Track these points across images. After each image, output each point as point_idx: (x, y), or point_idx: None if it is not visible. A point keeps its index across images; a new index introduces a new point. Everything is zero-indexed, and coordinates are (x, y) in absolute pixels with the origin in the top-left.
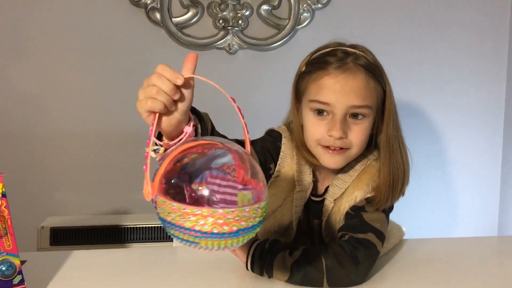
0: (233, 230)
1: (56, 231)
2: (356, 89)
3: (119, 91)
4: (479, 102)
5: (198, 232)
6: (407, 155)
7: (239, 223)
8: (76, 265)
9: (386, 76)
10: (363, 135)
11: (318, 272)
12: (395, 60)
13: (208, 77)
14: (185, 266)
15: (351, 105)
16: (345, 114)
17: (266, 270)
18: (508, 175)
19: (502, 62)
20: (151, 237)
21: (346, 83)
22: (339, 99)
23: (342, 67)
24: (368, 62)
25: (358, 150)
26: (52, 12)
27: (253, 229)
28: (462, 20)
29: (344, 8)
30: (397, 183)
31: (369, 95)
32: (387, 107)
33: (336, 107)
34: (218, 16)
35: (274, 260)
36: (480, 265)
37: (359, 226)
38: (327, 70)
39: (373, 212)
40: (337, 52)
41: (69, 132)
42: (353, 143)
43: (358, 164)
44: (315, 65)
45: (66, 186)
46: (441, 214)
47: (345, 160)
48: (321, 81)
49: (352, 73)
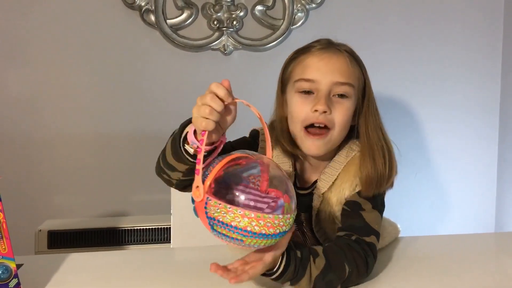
0: (276, 233)
1: (54, 234)
2: (339, 66)
3: (115, 93)
4: (474, 99)
5: (248, 232)
6: (390, 144)
7: (281, 228)
8: (73, 268)
9: (366, 70)
10: (346, 115)
11: (339, 279)
12: (389, 58)
13: (204, 78)
14: (183, 267)
15: (335, 81)
16: (329, 90)
17: (292, 282)
18: (504, 171)
19: (497, 59)
20: (148, 238)
21: (329, 61)
22: (324, 75)
23: (325, 48)
24: (349, 49)
25: (339, 132)
26: (46, 15)
27: (285, 233)
28: (457, 17)
29: (338, 8)
30: (382, 169)
31: (352, 75)
32: (367, 95)
33: (321, 83)
34: (212, 17)
35: (304, 274)
36: (476, 262)
37: (363, 228)
38: (311, 51)
39: (370, 211)
40: (321, 40)
41: (66, 135)
42: (335, 122)
43: (342, 156)
44: (300, 52)
45: (63, 189)
46: (438, 211)
47: (326, 146)
48: (306, 61)
49: (335, 53)
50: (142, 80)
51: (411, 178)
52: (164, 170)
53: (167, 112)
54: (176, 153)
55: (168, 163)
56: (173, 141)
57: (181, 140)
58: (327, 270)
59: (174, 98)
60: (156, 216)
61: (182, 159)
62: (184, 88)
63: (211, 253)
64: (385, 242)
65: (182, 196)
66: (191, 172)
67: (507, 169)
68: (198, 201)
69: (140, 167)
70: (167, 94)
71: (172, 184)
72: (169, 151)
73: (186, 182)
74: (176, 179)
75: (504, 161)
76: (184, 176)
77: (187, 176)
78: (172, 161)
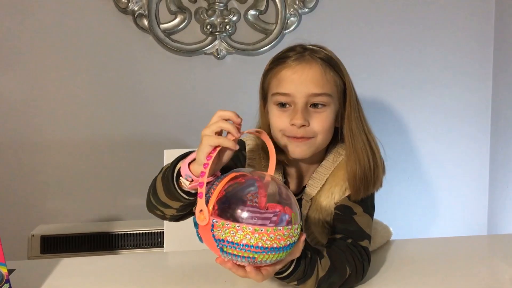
0: (286, 245)
1: (47, 239)
2: (313, 77)
3: (108, 98)
4: (466, 103)
5: (260, 248)
6: (377, 147)
7: (291, 239)
8: (65, 273)
9: (345, 69)
10: (326, 122)
11: (340, 281)
12: (381, 62)
13: (197, 82)
14: (176, 272)
15: (310, 93)
16: (305, 103)
17: (300, 282)
18: (496, 174)
19: (488, 63)
20: (142, 243)
21: (303, 73)
22: (298, 88)
23: (299, 59)
24: (325, 55)
25: (323, 138)
26: (40, 20)
27: (294, 244)
28: (448, 21)
29: (330, 13)
30: (368, 172)
31: (327, 84)
32: (348, 98)
33: (296, 96)
34: (205, 21)
35: (312, 274)
36: (468, 265)
37: (357, 232)
38: (285, 63)
39: (362, 215)
40: (296, 47)
41: (59, 140)
42: (316, 131)
43: (329, 161)
44: (276, 62)
45: (56, 194)
46: (430, 214)
47: (310, 149)
48: (281, 74)
49: (309, 63)
50: (135, 84)
51: (404, 181)
52: (157, 207)
53: (161, 116)
54: (168, 191)
55: (160, 201)
56: (165, 179)
57: (174, 177)
58: (332, 271)
59: (168, 102)
60: (149, 220)
61: (176, 196)
62: (177, 92)
63: (204, 257)
64: (377, 245)
65: None
66: (185, 207)
67: (499, 172)
68: (203, 225)
69: (133, 171)
70: (160, 99)
71: (166, 218)
72: (160, 189)
73: (179, 216)
74: (170, 215)
75: (496, 164)
76: (178, 212)
77: (181, 212)
78: (165, 199)
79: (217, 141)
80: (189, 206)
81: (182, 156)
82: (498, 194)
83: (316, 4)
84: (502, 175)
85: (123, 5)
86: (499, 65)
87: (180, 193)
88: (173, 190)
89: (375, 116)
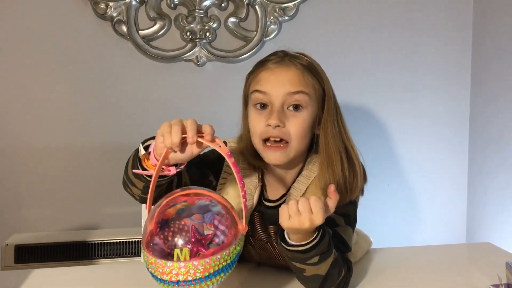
0: (207, 275)
1: (21, 248)
2: (290, 78)
3: (86, 104)
4: (444, 109)
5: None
6: (353, 153)
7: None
8: (40, 284)
9: (326, 76)
10: (301, 126)
11: (338, 278)
12: (360, 68)
13: (177, 89)
14: (154, 281)
15: (286, 92)
16: (282, 103)
17: (322, 257)
18: (474, 181)
19: (466, 68)
20: (119, 252)
21: (280, 73)
22: (275, 87)
23: (279, 62)
24: (305, 61)
25: (298, 144)
26: (16, 25)
27: (225, 270)
28: (426, 27)
29: (309, 21)
30: (342, 182)
31: (305, 84)
32: (326, 105)
33: (272, 95)
34: (185, 28)
35: (332, 252)
36: (446, 273)
37: (342, 243)
38: (265, 65)
39: (344, 227)
40: (277, 52)
41: (34, 146)
42: (291, 135)
43: (308, 170)
44: (257, 65)
45: (31, 202)
46: (410, 222)
47: (287, 156)
48: (260, 75)
49: (287, 66)
50: (113, 91)
51: (383, 188)
52: (127, 184)
53: (139, 123)
54: (133, 168)
55: (129, 178)
56: (134, 157)
57: (138, 157)
58: (335, 263)
59: (146, 109)
60: (126, 229)
61: (138, 176)
62: (156, 99)
63: None
64: (356, 258)
65: None
66: (148, 189)
67: (475, 178)
68: None
69: (110, 179)
70: (139, 105)
71: (136, 199)
72: (130, 166)
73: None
74: (137, 194)
75: (473, 171)
76: (142, 193)
77: (145, 194)
78: (132, 176)
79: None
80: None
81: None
82: (476, 201)
83: (296, 12)
84: (480, 183)
85: (102, 11)
86: (477, 71)
87: (141, 172)
88: (137, 168)
89: (352, 121)
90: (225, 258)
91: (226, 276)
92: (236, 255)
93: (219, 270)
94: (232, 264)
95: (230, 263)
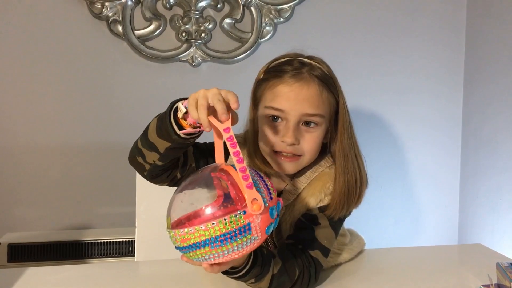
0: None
1: (14, 247)
2: (309, 98)
3: (81, 104)
4: (437, 111)
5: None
6: (363, 164)
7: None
8: (33, 282)
9: (340, 87)
10: (315, 143)
11: (290, 282)
12: (353, 71)
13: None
14: (147, 281)
15: (304, 113)
16: (298, 121)
17: (257, 279)
18: (466, 183)
19: (459, 71)
20: (112, 252)
21: (300, 92)
22: (293, 106)
23: (297, 76)
24: (322, 73)
25: (310, 158)
26: (12, 24)
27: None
28: (419, 29)
29: (304, 22)
30: (353, 191)
31: (322, 105)
32: (341, 117)
33: (289, 114)
34: (181, 29)
35: (268, 271)
36: (438, 274)
37: (309, 241)
38: (283, 78)
39: (324, 227)
40: (294, 62)
41: (28, 145)
42: (304, 151)
43: (310, 170)
44: (272, 73)
45: (24, 201)
46: (403, 223)
47: (297, 167)
48: (277, 89)
49: (307, 82)
50: (109, 91)
51: (377, 191)
52: (141, 151)
53: (134, 123)
54: (160, 128)
55: (148, 142)
56: (161, 115)
57: (172, 112)
58: (283, 270)
59: (141, 109)
60: (120, 228)
61: (168, 132)
62: (151, 99)
63: (175, 266)
64: (351, 255)
65: (146, 209)
66: (169, 154)
67: (468, 180)
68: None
69: (105, 179)
70: (134, 106)
71: (145, 169)
72: (153, 128)
73: (158, 169)
74: (150, 162)
75: (466, 174)
76: (160, 160)
77: (163, 161)
78: (154, 137)
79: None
80: (173, 154)
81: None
82: (468, 203)
83: (291, 14)
84: (472, 185)
85: (97, 10)
86: (470, 73)
87: (175, 128)
88: (167, 124)
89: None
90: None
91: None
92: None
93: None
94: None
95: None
